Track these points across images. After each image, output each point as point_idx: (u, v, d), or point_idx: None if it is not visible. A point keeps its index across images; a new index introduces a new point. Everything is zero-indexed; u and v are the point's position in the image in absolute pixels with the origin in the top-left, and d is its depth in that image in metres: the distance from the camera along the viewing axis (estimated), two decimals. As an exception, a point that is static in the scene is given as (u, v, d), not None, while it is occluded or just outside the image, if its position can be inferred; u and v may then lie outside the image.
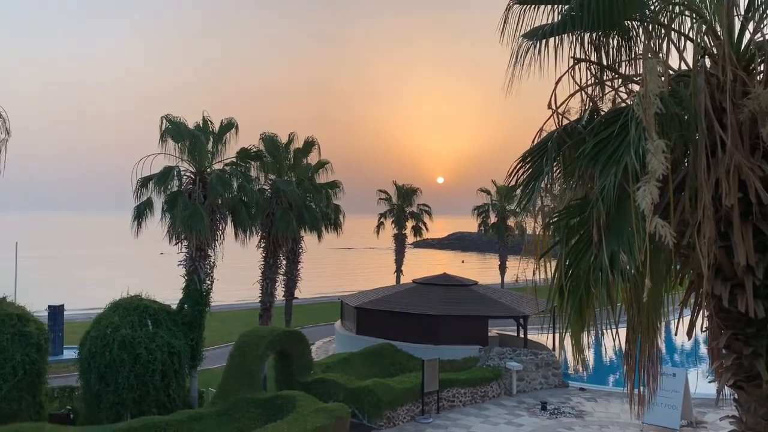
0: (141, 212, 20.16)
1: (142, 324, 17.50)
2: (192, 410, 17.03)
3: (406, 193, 46.69)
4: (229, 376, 17.62)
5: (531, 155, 7.27)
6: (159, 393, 17.23)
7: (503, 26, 7.20)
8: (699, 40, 6.81)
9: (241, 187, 21.50)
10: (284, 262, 27.30)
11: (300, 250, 28.35)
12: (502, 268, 49.45)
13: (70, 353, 25.48)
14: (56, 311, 28.03)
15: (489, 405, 21.36)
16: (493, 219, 49.75)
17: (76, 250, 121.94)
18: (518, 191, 7.24)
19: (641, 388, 7.29)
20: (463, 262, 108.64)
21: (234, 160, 21.97)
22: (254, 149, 23.58)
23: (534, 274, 7.10)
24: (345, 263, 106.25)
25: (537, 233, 7.05)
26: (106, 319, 17.69)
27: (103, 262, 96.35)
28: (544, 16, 7.19)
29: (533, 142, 7.40)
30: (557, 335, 6.60)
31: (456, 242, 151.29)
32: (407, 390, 19.47)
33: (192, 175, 20.79)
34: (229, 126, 21.88)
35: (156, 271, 64.25)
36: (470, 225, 60.83)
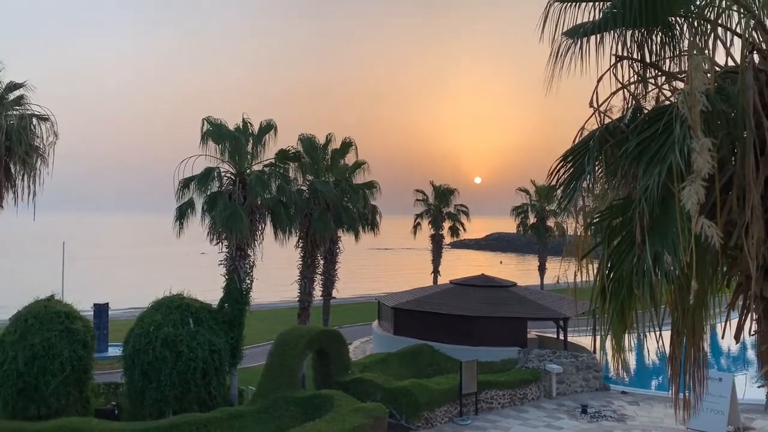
0: (183, 212, 20.56)
1: (183, 322, 17.83)
2: (232, 408, 17.28)
3: (443, 194, 46.46)
4: (269, 374, 17.83)
5: (572, 154, 7.17)
6: (200, 390, 17.53)
7: (543, 24, 7.12)
8: (747, 35, 6.62)
9: (280, 187, 21.73)
10: (322, 262, 27.47)
11: (337, 250, 28.48)
12: (542, 270, 48.79)
13: (114, 350, 26.23)
14: (101, 309, 28.93)
15: (528, 407, 21.13)
16: (532, 219, 49.12)
17: (120, 250, 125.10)
18: (559, 191, 7.15)
19: (686, 392, 7.12)
20: (501, 263, 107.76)
21: (273, 161, 22.21)
22: (293, 150, 23.81)
23: (575, 275, 7.01)
24: (382, 264, 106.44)
25: (578, 234, 6.96)
26: (149, 317, 18.08)
27: (145, 262, 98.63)
28: (584, 13, 7.10)
29: (574, 141, 7.30)
30: (598, 337, 6.51)
31: (494, 243, 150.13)
32: (445, 391, 19.41)
33: (232, 176, 21.10)
34: (268, 127, 22.14)
35: (197, 271, 65.45)
36: (509, 225, 60.20)
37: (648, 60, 7.29)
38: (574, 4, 7.11)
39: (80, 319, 18.19)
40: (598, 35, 6.91)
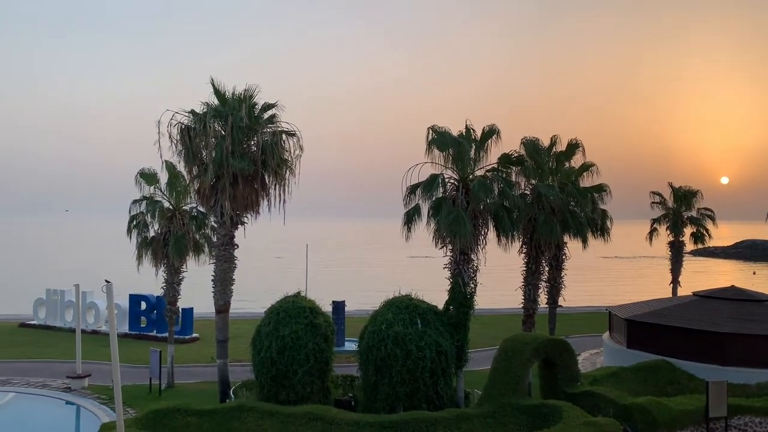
0: (410, 218, 21.46)
1: (412, 322, 18.61)
2: (459, 410, 17.55)
3: (684, 196, 42.28)
4: (495, 379, 17.78)
5: None
6: (428, 389, 18.12)
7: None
8: None
9: (503, 192, 21.62)
10: (547, 268, 26.69)
11: (563, 257, 27.42)
12: (809, 282, 42.04)
13: (350, 345, 28.23)
14: (339, 306, 31.31)
15: (793, 441, 18.27)
16: (794, 224, 42.62)
17: (350, 252, 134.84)
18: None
19: None
20: (754, 273, 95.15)
21: (495, 165, 22.18)
22: (515, 154, 23.53)
23: None
24: (613, 272, 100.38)
25: None
26: (381, 315, 19.19)
27: (377, 264, 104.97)
28: None
29: None
30: None
31: (746, 251, 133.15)
32: (688, 412, 17.60)
33: (455, 182, 21.50)
34: (490, 133, 22.15)
35: (422, 274, 67.85)
36: (764, 231, 52.94)
37: None
38: None
39: (322, 315, 19.95)
40: None
